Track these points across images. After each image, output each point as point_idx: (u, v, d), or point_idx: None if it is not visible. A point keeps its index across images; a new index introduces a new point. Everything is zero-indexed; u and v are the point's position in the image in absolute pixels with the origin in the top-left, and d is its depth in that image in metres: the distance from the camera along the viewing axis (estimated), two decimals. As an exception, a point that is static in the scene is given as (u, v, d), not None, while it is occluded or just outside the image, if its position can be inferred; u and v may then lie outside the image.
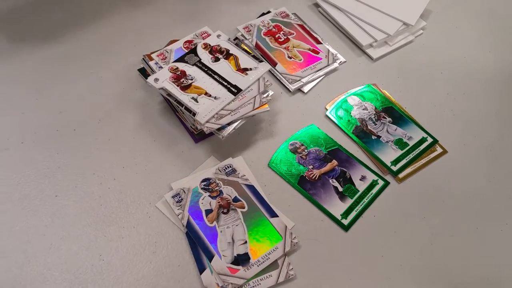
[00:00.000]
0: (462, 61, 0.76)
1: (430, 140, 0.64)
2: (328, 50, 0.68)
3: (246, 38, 0.69)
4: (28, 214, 0.51)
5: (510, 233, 0.59)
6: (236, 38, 0.70)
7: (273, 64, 0.66)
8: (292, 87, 0.65)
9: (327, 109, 0.65)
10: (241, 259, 0.50)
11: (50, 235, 0.50)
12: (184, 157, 0.58)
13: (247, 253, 0.50)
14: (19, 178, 0.53)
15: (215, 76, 0.57)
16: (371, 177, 0.60)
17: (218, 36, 0.62)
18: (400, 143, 0.63)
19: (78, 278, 0.48)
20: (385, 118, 0.65)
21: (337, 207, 0.57)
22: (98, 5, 0.69)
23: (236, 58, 0.60)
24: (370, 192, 0.59)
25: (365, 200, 0.58)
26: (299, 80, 0.66)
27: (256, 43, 0.66)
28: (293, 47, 0.65)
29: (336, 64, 0.69)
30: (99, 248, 0.50)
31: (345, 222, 0.56)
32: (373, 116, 0.65)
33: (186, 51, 0.60)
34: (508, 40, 0.80)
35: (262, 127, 0.62)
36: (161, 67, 0.58)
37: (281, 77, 0.66)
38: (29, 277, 0.47)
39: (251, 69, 0.58)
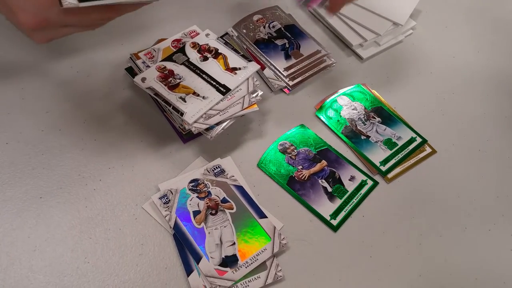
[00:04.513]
0: (452, 61, 0.76)
1: (419, 140, 0.64)
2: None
3: (235, 35, 0.68)
4: (12, 216, 0.50)
5: (498, 233, 0.59)
6: (226, 34, 0.69)
7: (262, 68, 0.66)
8: (275, 88, 0.65)
9: (316, 109, 0.65)
10: (229, 261, 0.49)
11: (35, 237, 0.49)
12: (172, 158, 0.57)
13: (235, 254, 0.50)
14: (3, 179, 0.52)
15: (204, 76, 0.57)
16: (360, 177, 0.60)
17: (207, 35, 0.61)
18: (389, 143, 0.63)
19: (62, 281, 0.47)
20: (375, 118, 0.65)
21: (326, 207, 0.56)
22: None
23: (225, 57, 0.59)
24: (359, 193, 0.58)
25: (354, 201, 0.58)
26: (281, 82, 0.65)
27: None
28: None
29: (327, 61, 0.68)
30: (84, 250, 0.49)
31: (334, 222, 0.56)
32: (363, 116, 0.65)
33: (174, 50, 0.60)
34: (497, 41, 0.81)
35: (251, 127, 0.62)
36: (148, 66, 0.58)
37: (267, 79, 0.65)
38: (13, 280, 0.46)
39: (240, 68, 0.58)
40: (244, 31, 0.68)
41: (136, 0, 0.42)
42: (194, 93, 0.55)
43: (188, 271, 0.49)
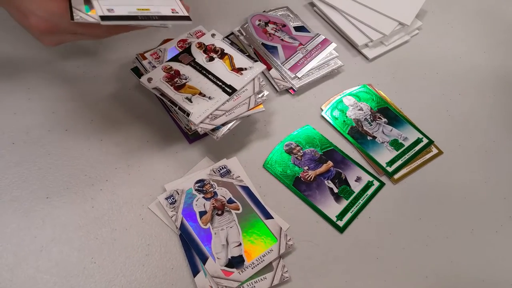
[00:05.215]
0: (458, 61, 0.76)
1: (425, 141, 0.64)
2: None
3: (242, 34, 0.68)
4: (19, 216, 0.50)
5: (505, 234, 0.59)
6: (232, 34, 0.69)
7: (268, 68, 0.66)
8: (280, 88, 0.65)
9: (322, 110, 0.65)
10: (236, 262, 0.49)
11: (41, 237, 0.49)
12: (178, 158, 0.57)
13: (241, 255, 0.50)
14: (10, 179, 0.52)
15: (210, 76, 0.57)
16: (366, 178, 0.59)
17: (213, 35, 0.61)
18: (395, 144, 0.63)
19: (69, 281, 0.47)
20: (381, 118, 0.65)
21: (332, 208, 0.56)
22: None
23: (231, 58, 0.59)
24: (366, 193, 0.58)
25: (361, 202, 0.57)
26: (287, 82, 0.65)
27: None
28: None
29: (333, 66, 0.68)
30: (91, 250, 0.49)
31: (340, 223, 0.55)
32: (369, 116, 0.65)
33: (180, 50, 0.60)
34: (503, 41, 0.80)
35: (257, 127, 0.62)
36: (154, 67, 0.58)
37: (273, 79, 0.65)
38: (20, 280, 0.46)
39: (246, 69, 0.58)
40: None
41: (148, 24, 0.44)
42: (200, 93, 0.55)
43: (195, 271, 0.49)
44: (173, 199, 0.53)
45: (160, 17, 0.44)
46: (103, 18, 0.40)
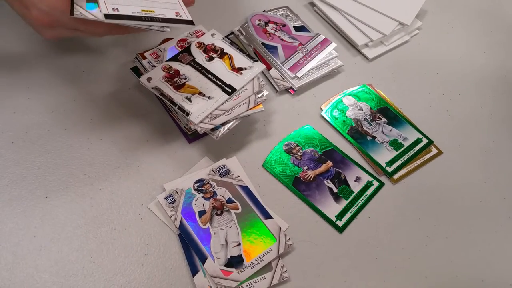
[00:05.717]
0: (458, 61, 0.76)
1: (425, 141, 0.64)
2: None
3: (242, 34, 0.68)
4: (18, 216, 0.50)
5: (505, 234, 0.59)
6: (232, 33, 0.69)
7: (268, 67, 0.65)
8: (280, 88, 0.65)
9: (322, 110, 0.65)
10: (235, 261, 0.49)
11: (40, 236, 0.49)
12: (177, 158, 0.57)
13: (240, 255, 0.50)
14: (9, 178, 0.52)
15: (209, 76, 0.57)
16: (366, 178, 0.59)
17: (213, 35, 0.61)
18: (395, 144, 0.63)
19: (68, 280, 0.47)
20: (380, 118, 0.65)
21: (332, 208, 0.56)
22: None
23: (230, 57, 0.59)
24: (365, 193, 0.58)
25: (360, 202, 0.57)
26: (286, 82, 0.65)
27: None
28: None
29: (333, 66, 0.68)
30: (90, 250, 0.49)
31: (340, 223, 0.55)
32: (368, 116, 0.65)
33: (180, 49, 0.60)
34: (503, 41, 0.80)
35: (256, 127, 0.62)
36: (154, 66, 0.58)
37: (273, 79, 0.65)
38: (19, 279, 0.46)
39: (245, 68, 0.58)
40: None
41: (149, 26, 0.44)
42: (199, 93, 0.55)
43: (194, 271, 0.49)
44: (172, 198, 0.53)
45: (164, 19, 0.44)
46: (107, 16, 0.41)
